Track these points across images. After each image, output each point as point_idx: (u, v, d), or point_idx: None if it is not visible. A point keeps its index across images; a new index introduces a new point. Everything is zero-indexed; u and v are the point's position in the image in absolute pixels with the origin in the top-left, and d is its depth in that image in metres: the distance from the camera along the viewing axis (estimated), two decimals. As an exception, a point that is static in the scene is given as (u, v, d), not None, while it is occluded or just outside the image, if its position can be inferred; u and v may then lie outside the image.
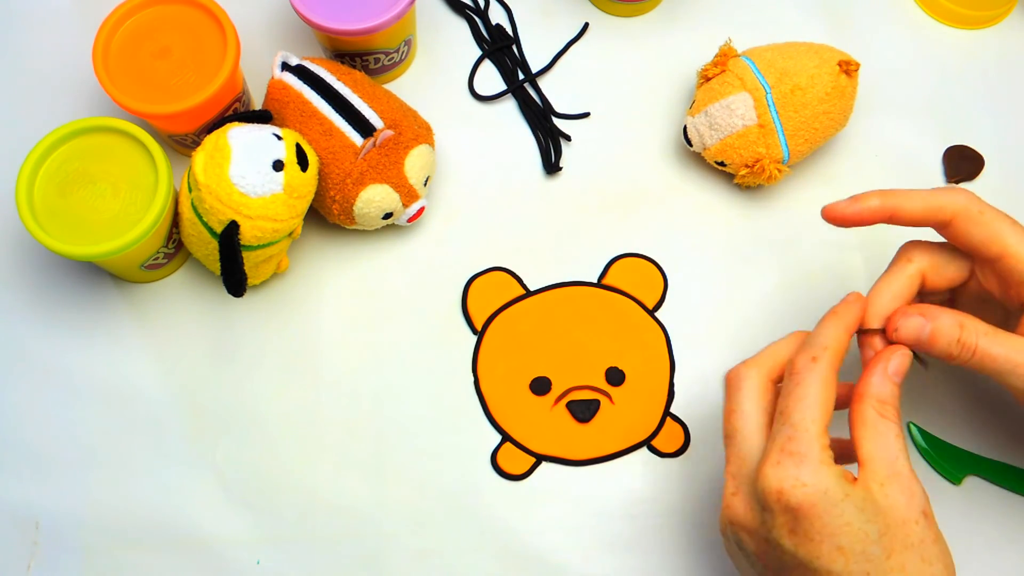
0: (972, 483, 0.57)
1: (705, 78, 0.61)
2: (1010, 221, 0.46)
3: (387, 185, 0.57)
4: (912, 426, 0.57)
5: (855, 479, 0.43)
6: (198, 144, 0.56)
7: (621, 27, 0.68)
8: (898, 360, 0.46)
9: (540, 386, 0.59)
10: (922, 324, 0.45)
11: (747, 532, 0.44)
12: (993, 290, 0.48)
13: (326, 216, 0.59)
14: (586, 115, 0.65)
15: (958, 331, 0.45)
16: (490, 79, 0.66)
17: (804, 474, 0.42)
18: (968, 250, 0.48)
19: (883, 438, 0.44)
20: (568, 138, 0.64)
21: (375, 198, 0.57)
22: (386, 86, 0.65)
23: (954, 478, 0.56)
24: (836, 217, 0.48)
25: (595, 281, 0.61)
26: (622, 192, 0.63)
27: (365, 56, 0.62)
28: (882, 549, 0.42)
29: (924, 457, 0.57)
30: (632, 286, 0.61)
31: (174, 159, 0.62)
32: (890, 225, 0.63)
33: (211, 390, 0.59)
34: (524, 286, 0.61)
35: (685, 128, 0.61)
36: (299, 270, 0.61)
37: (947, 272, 0.49)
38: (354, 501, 0.57)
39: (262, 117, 0.56)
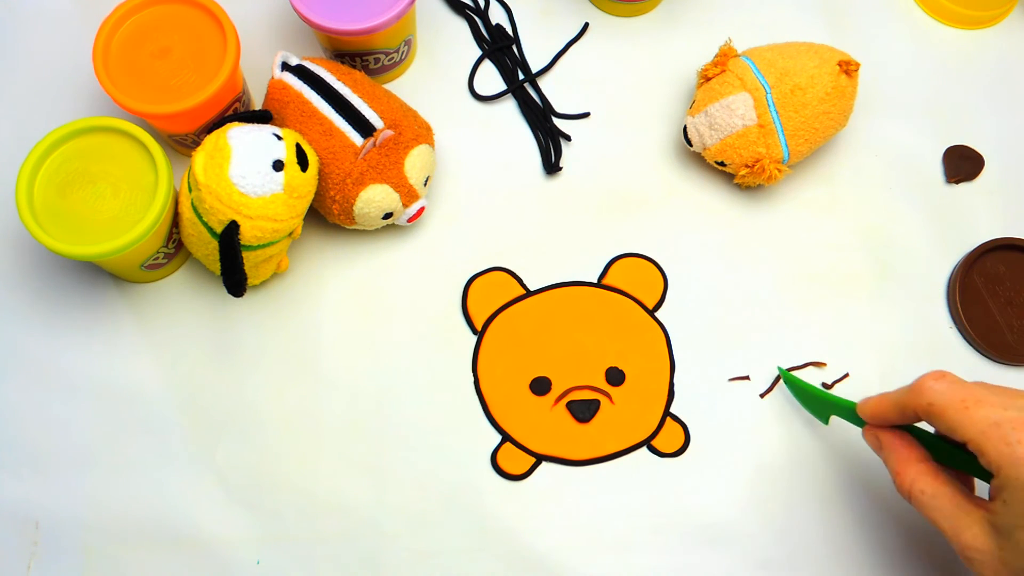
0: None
1: (705, 78, 0.61)
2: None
3: (387, 185, 0.57)
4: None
5: None
6: (198, 144, 0.56)
7: (621, 27, 0.68)
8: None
9: (540, 386, 0.59)
10: (877, 447, 0.51)
11: None
12: None
13: (326, 216, 0.59)
14: (586, 115, 0.65)
15: (896, 476, 0.49)
16: (490, 79, 0.66)
17: None
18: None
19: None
20: (568, 138, 0.64)
21: (375, 198, 0.57)
22: (386, 86, 0.65)
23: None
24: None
25: (595, 281, 0.61)
26: (622, 192, 0.63)
27: (365, 56, 0.62)
28: None
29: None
30: (632, 286, 0.61)
31: (174, 159, 0.62)
32: (888, 224, 0.64)
33: (211, 390, 0.59)
34: (524, 286, 0.61)
35: (685, 128, 0.61)
36: (299, 270, 0.61)
37: None
38: (354, 501, 0.57)
39: (262, 117, 0.56)
